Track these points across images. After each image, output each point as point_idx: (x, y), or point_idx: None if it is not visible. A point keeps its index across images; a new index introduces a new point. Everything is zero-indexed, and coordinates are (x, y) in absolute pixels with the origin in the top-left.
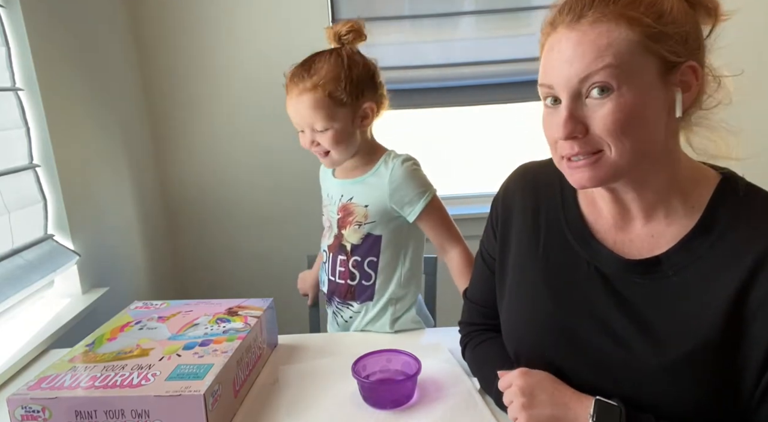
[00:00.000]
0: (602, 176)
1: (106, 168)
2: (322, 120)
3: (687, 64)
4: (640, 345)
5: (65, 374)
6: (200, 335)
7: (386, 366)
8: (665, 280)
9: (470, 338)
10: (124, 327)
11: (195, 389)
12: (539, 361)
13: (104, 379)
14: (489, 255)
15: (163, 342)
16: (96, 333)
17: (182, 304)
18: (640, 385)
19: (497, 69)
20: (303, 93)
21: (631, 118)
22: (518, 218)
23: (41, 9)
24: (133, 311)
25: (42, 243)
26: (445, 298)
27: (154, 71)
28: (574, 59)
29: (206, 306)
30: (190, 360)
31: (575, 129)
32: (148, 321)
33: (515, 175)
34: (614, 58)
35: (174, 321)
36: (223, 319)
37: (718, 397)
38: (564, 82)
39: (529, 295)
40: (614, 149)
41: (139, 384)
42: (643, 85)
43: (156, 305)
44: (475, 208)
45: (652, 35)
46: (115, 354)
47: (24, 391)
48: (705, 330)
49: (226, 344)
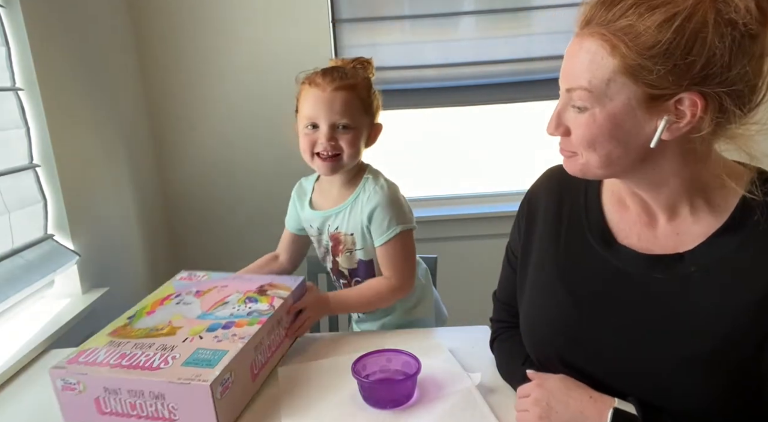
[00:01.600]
0: (577, 172)
1: (106, 168)
2: (350, 118)
3: (682, 95)
4: (661, 343)
5: (101, 349)
6: (226, 316)
7: (386, 365)
8: (687, 276)
9: (497, 334)
10: (164, 300)
11: (204, 378)
12: (555, 360)
13: (131, 358)
14: (513, 255)
15: (192, 320)
16: (139, 305)
17: (221, 278)
18: (658, 384)
19: (497, 69)
20: (340, 89)
21: (599, 137)
22: (541, 220)
23: (41, 9)
24: (177, 282)
25: (42, 243)
26: (446, 298)
27: (154, 71)
28: (567, 67)
29: (241, 283)
30: (209, 345)
31: (556, 130)
32: (186, 294)
33: (543, 177)
34: (588, 83)
35: (208, 298)
36: (252, 298)
37: (737, 396)
38: (561, 84)
39: (547, 295)
40: (584, 156)
41: (158, 367)
42: (616, 110)
43: (199, 277)
44: (476, 208)
45: (629, 67)
46: (148, 330)
47: (63, 364)
48: (729, 329)
49: (246, 328)
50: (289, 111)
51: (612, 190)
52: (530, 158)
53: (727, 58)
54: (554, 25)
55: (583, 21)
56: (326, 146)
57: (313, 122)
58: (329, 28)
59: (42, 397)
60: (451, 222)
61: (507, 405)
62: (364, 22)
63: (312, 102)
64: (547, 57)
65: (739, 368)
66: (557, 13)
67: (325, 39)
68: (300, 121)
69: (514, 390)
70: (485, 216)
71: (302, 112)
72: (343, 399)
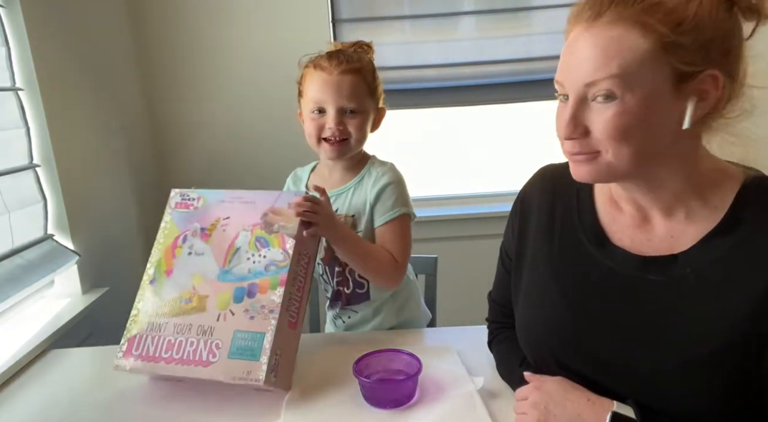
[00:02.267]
0: (597, 174)
1: (106, 168)
2: (358, 102)
3: (706, 72)
4: (657, 345)
5: (146, 336)
6: (245, 273)
7: (387, 365)
8: (682, 278)
9: (495, 335)
10: (175, 249)
11: (255, 377)
12: (551, 362)
13: (179, 349)
14: (507, 257)
15: (214, 284)
16: (155, 258)
17: (218, 202)
18: (656, 386)
19: (497, 69)
20: (347, 72)
21: (632, 125)
22: (535, 220)
23: (41, 9)
24: (176, 213)
25: (42, 243)
26: (445, 298)
27: (154, 71)
28: (584, 62)
29: (242, 212)
30: (244, 325)
31: (575, 131)
32: (192, 236)
33: (535, 176)
34: (620, 68)
35: (216, 241)
36: (262, 241)
37: (737, 398)
38: (572, 83)
39: (542, 297)
40: (612, 153)
41: (209, 361)
42: (649, 94)
43: (193, 202)
44: (475, 208)
45: (665, 45)
46: (178, 302)
47: (121, 361)
48: (727, 331)
49: (270, 295)
50: (290, 111)
51: (604, 192)
52: (530, 158)
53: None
54: (554, 25)
55: (593, 14)
56: (335, 131)
57: (320, 106)
58: (329, 28)
59: (42, 397)
60: (451, 222)
61: (509, 410)
62: (364, 22)
63: (318, 86)
64: (547, 57)
65: (737, 369)
66: (557, 13)
67: (325, 39)
68: (305, 105)
69: (514, 391)
70: (485, 216)
71: (308, 96)
72: (344, 398)
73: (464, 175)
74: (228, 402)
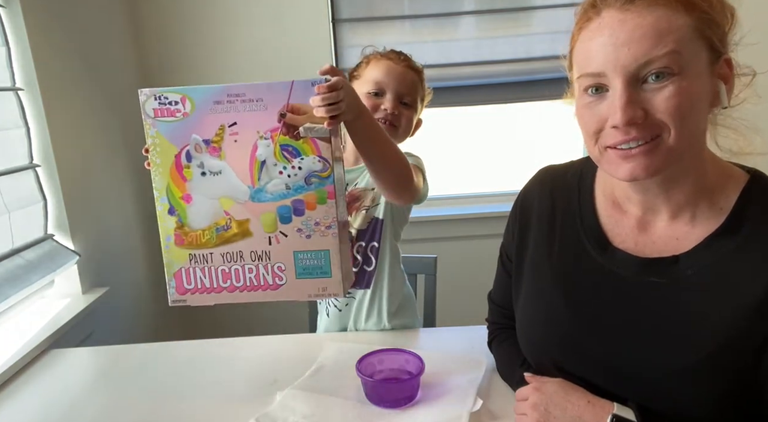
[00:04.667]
0: (658, 164)
1: (106, 168)
2: (413, 97)
3: (724, 56)
4: (657, 347)
5: (193, 268)
6: (283, 191)
7: (390, 365)
8: (684, 280)
9: (495, 336)
10: (182, 170)
11: (332, 291)
12: (550, 364)
13: (237, 277)
14: (507, 258)
15: (250, 205)
16: (159, 182)
17: (212, 105)
18: (656, 388)
19: (497, 69)
20: (411, 69)
21: (690, 103)
22: (536, 221)
23: (41, 9)
24: (160, 124)
25: (42, 243)
26: (445, 298)
27: (154, 71)
28: (631, 43)
29: (249, 114)
30: (301, 245)
31: (635, 114)
32: (196, 152)
33: (535, 177)
34: (676, 44)
35: (231, 154)
36: (290, 150)
37: (737, 401)
38: (620, 67)
39: (542, 300)
40: (674, 132)
41: (276, 284)
42: (697, 73)
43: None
44: (475, 208)
45: (706, 21)
46: (215, 233)
47: (177, 296)
48: (726, 333)
49: (321, 210)
50: None
51: (605, 193)
52: (530, 158)
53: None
54: (554, 25)
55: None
56: (390, 112)
57: (381, 88)
58: (329, 28)
59: (42, 397)
60: (451, 222)
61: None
62: (363, 22)
63: (384, 70)
64: (547, 57)
65: (738, 372)
66: (557, 13)
67: (325, 39)
68: (361, 86)
69: (514, 391)
70: (485, 216)
71: (368, 77)
72: (346, 397)
73: (464, 175)
74: (227, 402)
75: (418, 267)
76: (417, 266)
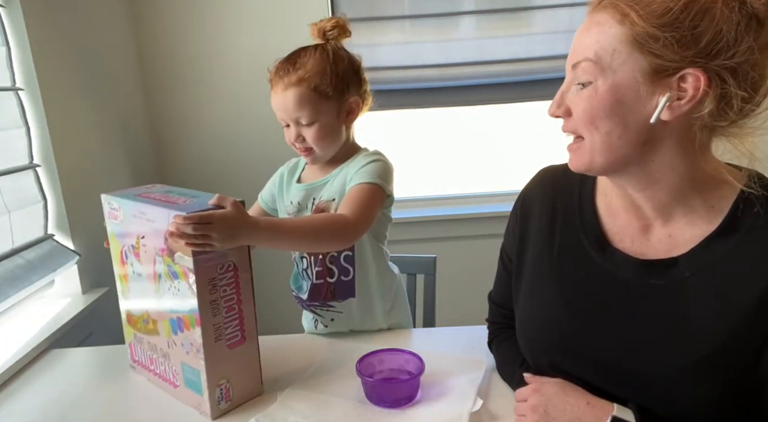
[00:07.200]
0: (581, 163)
1: (106, 168)
2: (307, 114)
3: (685, 70)
4: (656, 349)
5: (135, 346)
6: (170, 306)
7: (390, 365)
8: (683, 281)
9: (495, 335)
10: (124, 265)
11: (203, 411)
12: (549, 365)
13: (156, 365)
14: (508, 258)
15: (156, 309)
16: (115, 270)
17: (132, 217)
18: (656, 389)
19: (497, 69)
20: (288, 87)
21: (601, 110)
22: (536, 222)
23: (41, 9)
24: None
25: (42, 243)
26: (445, 298)
27: (154, 71)
28: (575, 44)
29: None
30: (185, 358)
31: (558, 109)
32: (130, 253)
33: (536, 178)
34: (594, 54)
35: (145, 262)
36: (172, 271)
37: (737, 401)
38: (567, 64)
39: (542, 300)
40: (587, 137)
41: (175, 384)
42: (620, 81)
43: (117, 214)
44: (475, 208)
45: (637, 35)
46: (143, 323)
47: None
48: (726, 334)
49: (192, 334)
50: None
51: (605, 194)
52: (530, 158)
53: (733, 35)
54: (554, 25)
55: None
56: (293, 143)
57: (282, 120)
58: None
59: (42, 397)
60: (451, 222)
61: (509, 410)
62: (364, 22)
63: (274, 106)
64: (547, 57)
65: (737, 373)
66: (557, 13)
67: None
68: None
69: (514, 391)
70: (484, 216)
71: None
72: (346, 397)
73: (464, 175)
74: None
75: (417, 267)
76: (416, 266)
